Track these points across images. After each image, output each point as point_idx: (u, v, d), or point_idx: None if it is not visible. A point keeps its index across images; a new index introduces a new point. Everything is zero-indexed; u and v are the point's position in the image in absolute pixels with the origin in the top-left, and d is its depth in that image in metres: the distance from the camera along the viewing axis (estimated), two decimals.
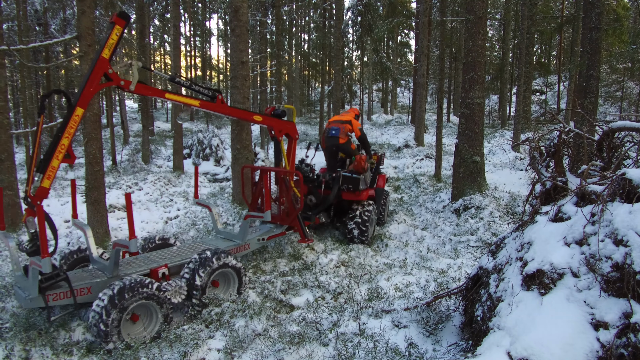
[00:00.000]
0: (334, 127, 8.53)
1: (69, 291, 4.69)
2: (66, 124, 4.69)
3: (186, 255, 5.94)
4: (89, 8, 7.16)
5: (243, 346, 4.54)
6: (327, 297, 5.89)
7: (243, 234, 6.53)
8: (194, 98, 5.98)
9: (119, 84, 5.11)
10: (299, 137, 7.44)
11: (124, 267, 5.45)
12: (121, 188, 14.31)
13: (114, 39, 4.94)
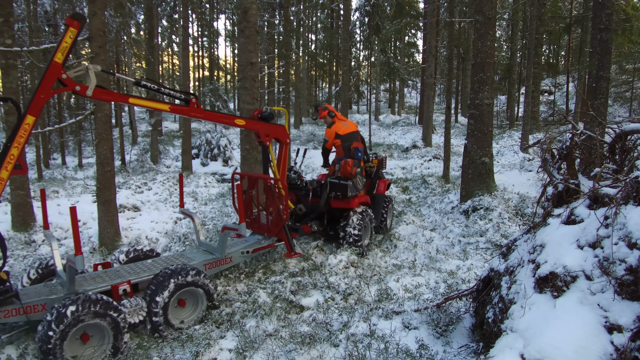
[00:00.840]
0: (360, 148, 7.86)
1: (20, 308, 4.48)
2: (15, 133, 4.40)
3: (156, 270, 5.50)
4: (100, 10, 7.22)
5: (254, 346, 4.57)
6: (336, 298, 5.91)
7: (221, 247, 6.05)
8: (163, 102, 5.64)
9: (74, 90, 4.78)
10: (290, 142, 6.99)
11: (86, 281, 5.15)
12: (130, 188, 14.40)
13: (67, 42, 4.62)
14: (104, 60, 7.54)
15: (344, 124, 7.98)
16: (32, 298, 4.70)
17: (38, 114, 4.54)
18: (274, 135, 6.69)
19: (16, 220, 9.33)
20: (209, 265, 5.94)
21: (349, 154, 7.76)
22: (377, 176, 8.68)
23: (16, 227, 9.32)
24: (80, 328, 4.35)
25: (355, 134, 7.97)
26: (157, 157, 21.31)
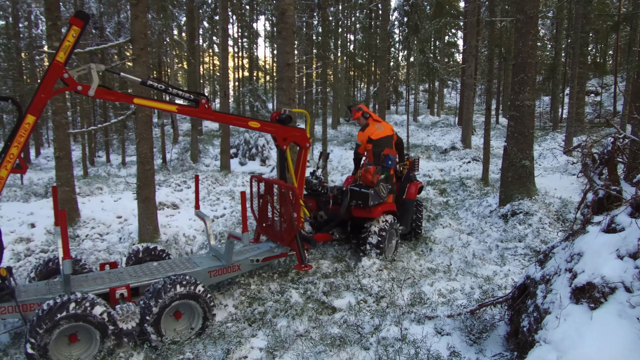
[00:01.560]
0: (392, 155, 7.46)
1: (15, 306, 4.48)
2: (16, 133, 4.44)
3: (157, 275, 5.40)
4: (141, 13, 7.45)
5: (285, 346, 4.61)
6: (369, 301, 5.89)
7: (228, 255, 5.72)
8: (171, 103, 5.55)
9: (75, 89, 4.73)
10: (310, 146, 6.67)
11: (87, 282, 5.13)
12: (170, 186, 14.78)
13: (70, 41, 4.54)
14: (145, 62, 7.77)
15: (379, 126, 7.60)
16: (30, 296, 4.70)
17: (39, 114, 4.56)
18: (292, 138, 6.41)
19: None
20: (213, 272, 5.68)
21: (378, 161, 7.39)
22: (408, 179, 8.26)
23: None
24: (67, 329, 4.31)
25: (388, 138, 7.59)
26: (196, 156, 21.79)
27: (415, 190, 8.19)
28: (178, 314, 4.96)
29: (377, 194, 7.08)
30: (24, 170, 4.58)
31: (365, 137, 7.54)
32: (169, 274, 5.20)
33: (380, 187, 7.12)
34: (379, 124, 7.63)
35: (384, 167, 7.37)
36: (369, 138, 7.50)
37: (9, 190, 15.22)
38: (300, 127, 6.72)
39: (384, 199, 7.21)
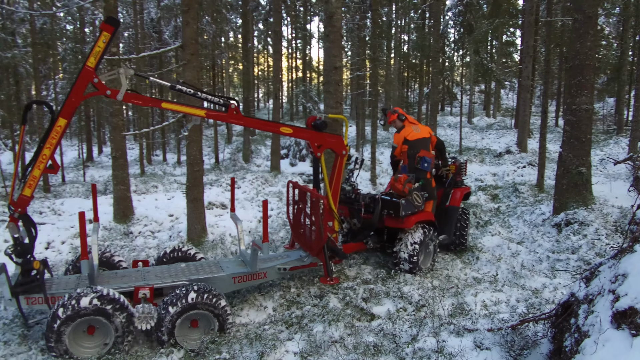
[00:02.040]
0: (427, 157, 7.09)
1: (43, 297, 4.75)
2: (48, 135, 4.65)
3: (181, 277, 5.43)
4: (192, 19, 7.68)
5: (319, 352, 4.62)
6: (408, 309, 5.79)
7: (252, 262, 5.64)
8: (199, 107, 5.48)
9: (105, 94, 4.87)
10: (347, 154, 6.32)
11: (114, 279, 5.33)
12: (221, 186, 15.17)
13: (100, 47, 4.67)
14: (195, 67, 8.02)
15: (415, 128, 7.28)
16: (59, 289, 4.97)
17: (70, 117, 4.76)
18: (327, 145, 6.17)
19: (117, 213, 10.22)
20: (238, 278, 5.63)
21: (413, 163, 7.09)
22: (453, 184, 7.81)
23: (117, 219, 10.20)
24: (76, 323, 4.50)
25: (425, 140, 7.23)
26: (249, 157, 22.24)
27: (460, 197, 7.72)
28: (195, 322, 4.97)
29: (410, 203, 6.73)
30: (56, 170, 4.82)
31: (401, 139, 7.28)
32: (192, 277, 5.31)
33: (413, 196, 6.77)
34: (415, 126, 7.34)
35: (420, 170, 7.09)
36: (404, 139, 7.24)
37: (72, 187, 16.16)
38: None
39: (418, 208, 6.84)
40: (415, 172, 7.09)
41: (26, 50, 14.81)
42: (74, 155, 25.11)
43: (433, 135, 7.48)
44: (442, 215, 7.62)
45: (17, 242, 4.73)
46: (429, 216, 7.11)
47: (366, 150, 22.26)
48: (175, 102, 5.46)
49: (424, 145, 7.19)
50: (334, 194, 6.41)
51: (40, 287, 4.77)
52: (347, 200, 7.41)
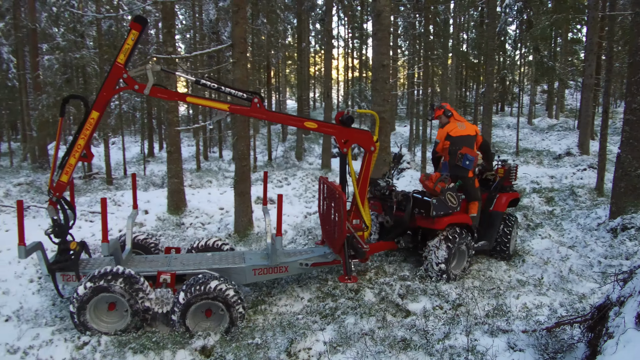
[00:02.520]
0: (470, 155, 6.76)
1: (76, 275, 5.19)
2: (82, 126, 5.05)
3: (203, 266, 5.60)
4: (242, 19, 7.94)
5: (348, 342, 4.69)
6: (445, 307, 5.73)
7: (272, 255, 5.68)
8: (222, 101, 5.56)
9: (133, 88, 5.10)
10: (376, 150, 6.04)
11: (142, 263, 5.69)
12: (272, 182, 15.50)
13: (129, 44, 4.94)
14: (244, 65, 8.28)
15: (460, 125, 7.02)
16: (92, 268, 5.36)
17: (102, 110, 5.09)
18: (354, 141, 5.95)
19: (171, 205, 10.71)
20: (258, 271, 5.69)
21: (454, 160, 6.86)
22: (500, 188, 7.44)
23: (171, 210, 10.69)
24: (100, 298, 4.89)
25: (469, 138, 6.93)
26: (301, 154, 22.55)
27: (506, 203, 7.33)
28: (209, 312, 5.08)
29: (442, 203, 6.44)
30: (90, 159, 5.24)
31: (444, 134, 7.04)
32: (213, 267, 5.48)
33: (447, 197, 6.47)
34: (460, 123, 7.07)
35: (460, 167, 6.80)
36: (447, 135, 6.99)
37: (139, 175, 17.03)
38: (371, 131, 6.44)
39: (453, 209, 6.52)
40: (456, 169, 6.88)
41: (94, 52, 15.82)
42: (137, 150, 26.40)
43: (479, 135, 7.17)
44: (484, 219, 7.31)
45: (56, 224, 5.15)
46: (464, 219, 6.76)
47: (419, 150, 22.00)
48: (200, 97, 5.58)
49: (467, 143, 6.90)
50: (362, 192, 6.18)
51: (74, 265, 5.18)
52: (381, 197, 7.27)
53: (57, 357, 4.57)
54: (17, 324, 5.33)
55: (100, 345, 4.70)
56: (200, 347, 4.77)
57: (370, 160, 6.07)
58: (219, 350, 4.71)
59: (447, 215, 6.50)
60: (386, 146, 10.18)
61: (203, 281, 4.95)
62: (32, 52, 16.52)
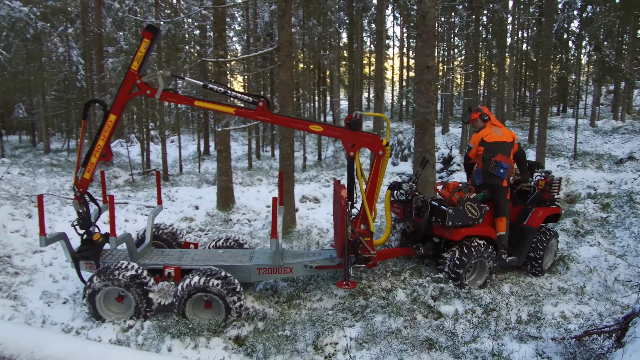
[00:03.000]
0: (504, 163, 6.41)
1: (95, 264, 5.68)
2: (102, 129, 5.43)
3: (210, 262, 5.86)
4: (287, 23, 8.20)
5: (375, 340, 4.81)
6: (477, 311, 5.71)
7: (274, 256, 5.74)
8: (228, 105, 5.68)
9: (145, 93, 5.41)
10: (385, 154, 5.84)
11: (153, 256, 6.05)
12: (320, 182, 15.76)
13: (141, 52, 5.24)
14: (289, 68, 8.54)
15: (496, 130, 6.69)
16: (111, 259, 5.81)
17: (119, 114, 5.46)
18: (362, 144, 5.78)
19: (220, 201, 11.17)
20: (263, 270, 5.82)
21: (488, 168, 6.50)
22: (536, 202, 6.99)
23: (219, 207, 11.15)
24: (105, 292, 5.32)
25: (505, 145, 6.58)
26: None
27: (542, 218, 6.85)
28: (208, 304, 5.35)
29: (460, 213, 6.18)
30: (108, 158, 5.68)
31: (478, 139, 6.73)
32: (219, 263, 5.72)
33: (466, 207, 6.20)
34: (497, 128, 6.74)
35: (494, 175, 6.50)
36: (481, 140, 6.69)
37: (187, 177, 17.79)
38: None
39: (473, 221, 6.24)
40: (489, 177, 6.59)
41: (156, 54, 16.67)
42: (194, 148, 27.47)
43: (516, 143, 6.79)
44: (515, 234, 6.92)
45: (81, 216, 5.63)
46: (487, 232, 6.46)
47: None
48: (207, 100, 5.80)
49: (503, 150, 6.56)
50: (370, 196, 6.02)
51: (94, 255, 5.66)
52: (404, 202, 7.12)
53: (104, 338, 4.98)
54: (73, 306, 5.85)
55: (143, 329, 5.07)
56: (235, 336, 5.06)
57: (379, 165, 5.94)
58: (251, 340, 4.96)
59: (466, 226, 6.27)
60: (430, 148, 10.08)
61: (199, 276, 5.24)
62: (98, 55, 17.67)
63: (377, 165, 5.93)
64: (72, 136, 26.49)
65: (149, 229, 6.40)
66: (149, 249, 6.36)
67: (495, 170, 6.47)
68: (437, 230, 6.53)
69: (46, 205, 11.72)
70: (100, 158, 5.56)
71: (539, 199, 7.01)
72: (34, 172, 16.64)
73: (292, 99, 8.90)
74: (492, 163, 6.49)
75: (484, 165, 6.62)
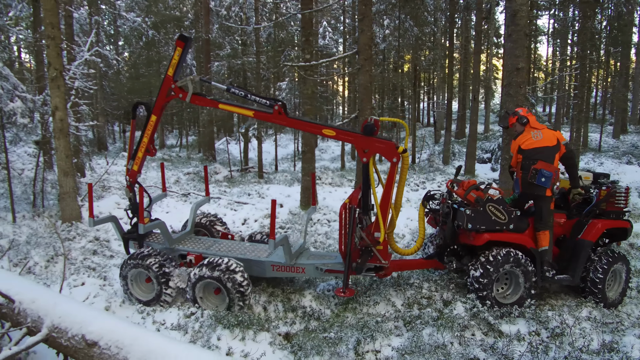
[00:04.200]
0: (546, 171, 5.75)
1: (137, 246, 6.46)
2: (145, 127, 6.09)
3: (230, 253, 6.20)
4: (366, 27, 8.23)
5: (420, 352, 4.69)
6: (542, 334, 5.33)
7: (286, 255, 5.86)
8: (249, 108, 5.85)
9: (178, 96, 5.89)
10: (400, 161, 5.55)
11: (185, 243, 6.60)
12: (409, 185, 15.49)
13: (175, 59, 5.76)
14: (368, 71, 8.57)
15: (536, 134, 6.00)
16: (153, 242, 6.53)
17: (159, 114, 6.06)
18: (375, 150, 5.59)
19: (303, 200, 11.52)
20: (277, 267, 6.02)
21: (527, 176, 5.88)
22: (594, 213, 6.13)
23: (302, 206, 11.50)
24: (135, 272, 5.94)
25: (547, 150, 5.91)
26: (448, 158, 21.98)
27: (599, 231, 6.01)
28: (217, 290, 5.70)
29: (481, 215, 5.71)
30: (152, 153, 6.26)
31: (516, 147, 6.16)
32: (238, 256, 6.09)
33: (488, 209, 5.72)
34: (536, 132, 6.03)
35: (534, 185, 5.83)
36: (519, 147, 6.10)
37: (282, 175, 18.51)
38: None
39: (500, 225, 5.76)
40: (529, 187, 5.96)
41: (252, 58, 17.61)
42: (293, 148, 28.45)
43: (563, 144, 6.03)
44: (567, 249, 6.20)
45: (131, 202, 6.34)
46: (519, 239, 5.89)
47: (583, 160, 19.85)
48: (230, 103, 6.02)
49: (545, 156, 5.90)
50: (383, 204, 5.71)
51: (139, 237, 6.42)
52: (435, 210, 6.69)
53: (168, 321, 5.44)
54: None
55: (202, 317, 5.45)
56: (285, 333, 5.25)
57: (393, 172, 5.60)
58: (300, 339, 5.10)
59: (491, 231, 5.78)
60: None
61: (205, 265, 5.69)
62: (205, 58, 19.05)
63: (392, 172, 5.61)
64: (184, 134, 28.76)
65: (191, 218, 7.01)
66: (188, 236, 6.95)
67: (536, 180, 5.81)
68: (463, 237, 6.09)
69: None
70: (146, 153, 6.22)
71: (600, 210, 6.13)
72: (147, 166, 18.38)
73: (370, 101, 8.93)
74: (531, 172, 5.84)
75: (524, 174, 6.01)
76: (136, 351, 3.06)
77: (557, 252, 6.26)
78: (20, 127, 9.77)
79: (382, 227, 5.68)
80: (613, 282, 6.21)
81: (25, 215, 9.88)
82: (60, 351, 3.60)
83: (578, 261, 6.01)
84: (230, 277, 5.55)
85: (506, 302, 5.83)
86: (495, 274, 5.69)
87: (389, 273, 6.14)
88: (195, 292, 5.76)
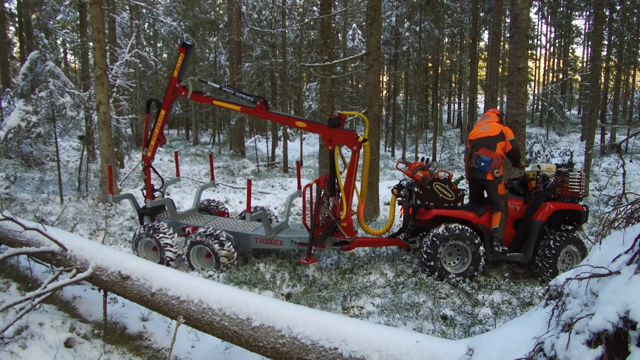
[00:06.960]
0: (485, 156, 6.31)
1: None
2: (156, 120, 7.24)
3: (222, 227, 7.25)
4: (375, 30, 9.03)
5: (397, 309, 5.48)
6: (513, 302, 5.99)
7: (266, 228, 6.94)
8: (236, 104, 6.96)
9: (181, 94, 7.00)
10: (360, 150, 6.35)
11: (188, 218, 7.83)
12: None
13: (179, 63, 6.91)
14: (377, 71, 9.37)
15: (483, 127, 6.62)
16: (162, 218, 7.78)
17: (167, 109, 7.16)
18: (338, 140, 6.41)
19: None
20: (258, 240, 7.07)
21: (475, 162, 6.49)
22: (546, 197, 6.57)
23: None
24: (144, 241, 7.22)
25: (489, 139, 6.44)
26: None
27: (549, 212, 6.44)
28: (208, 254, 6.89)
29: (429, 193, 6.43)
30: (162, 142, 7.49)
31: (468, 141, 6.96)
32: (228, 229, 7.17)
33: (435, 187, 6.42)
34: (485, 125, 6.66)
35: (476, 169, 6.43)
36: (470, 141, 6.81)
37: (306, 170, 19.45)
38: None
39: (447, 202, 6.44)
40: (473, 172, 6.58)
41: (280, 60, 18.62)
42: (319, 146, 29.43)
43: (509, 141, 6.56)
44: (521, 229, 6.69)
45: (146, 184, 7.48)
46: (465, 215, 6.46)
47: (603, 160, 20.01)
48: (222, 100, 7.05)
49: (487, 144, 6.43)
50: (347, 186, 6.52)
51: (152, 213, 7.76)
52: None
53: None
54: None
55: (219, 279, 6.41)
56: (287, 293, 6.16)
57: (354, 158, 6.39)
58: (299, 297, 5.98)
59: (439, 207, 6.47)
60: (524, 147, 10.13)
61: (201, 234, 6.82)
62: (237, 60, 20.17)
63: (353, 158, 6.42)
64: (217, 132, 30.13)
65: (196, 198, 8.27)
66: (192, 213, 8.17)
67: (476, 164, 6.41)
68: (418, 215, 6.73)
69: (182, 187, 14.10)
70: (157, 142, 7.42)
71: (554, 195, 6.60)
72: (181, 160, 19.66)
73: (379, 99, 9.70)
74: (473, 157, 6.51)
75: (472, 160, 6.61)
76: (159, 280, 4.04)
77: (514, 233, 6.80)
78: (68, 119, 11.02)
79: (345, 206, 6.55)
80: (571, 263, 6.60)
81: (71, 198, 11.16)
82: (101, 287, 4.62)
83: (529, 240, 6.49)
84: (218, 242, 6.71)
85: (454, 272, 6.40)
86: (441, 246, 6.29)
87: (352, 247, 6.95)
88: (190, 256, 6.94)
